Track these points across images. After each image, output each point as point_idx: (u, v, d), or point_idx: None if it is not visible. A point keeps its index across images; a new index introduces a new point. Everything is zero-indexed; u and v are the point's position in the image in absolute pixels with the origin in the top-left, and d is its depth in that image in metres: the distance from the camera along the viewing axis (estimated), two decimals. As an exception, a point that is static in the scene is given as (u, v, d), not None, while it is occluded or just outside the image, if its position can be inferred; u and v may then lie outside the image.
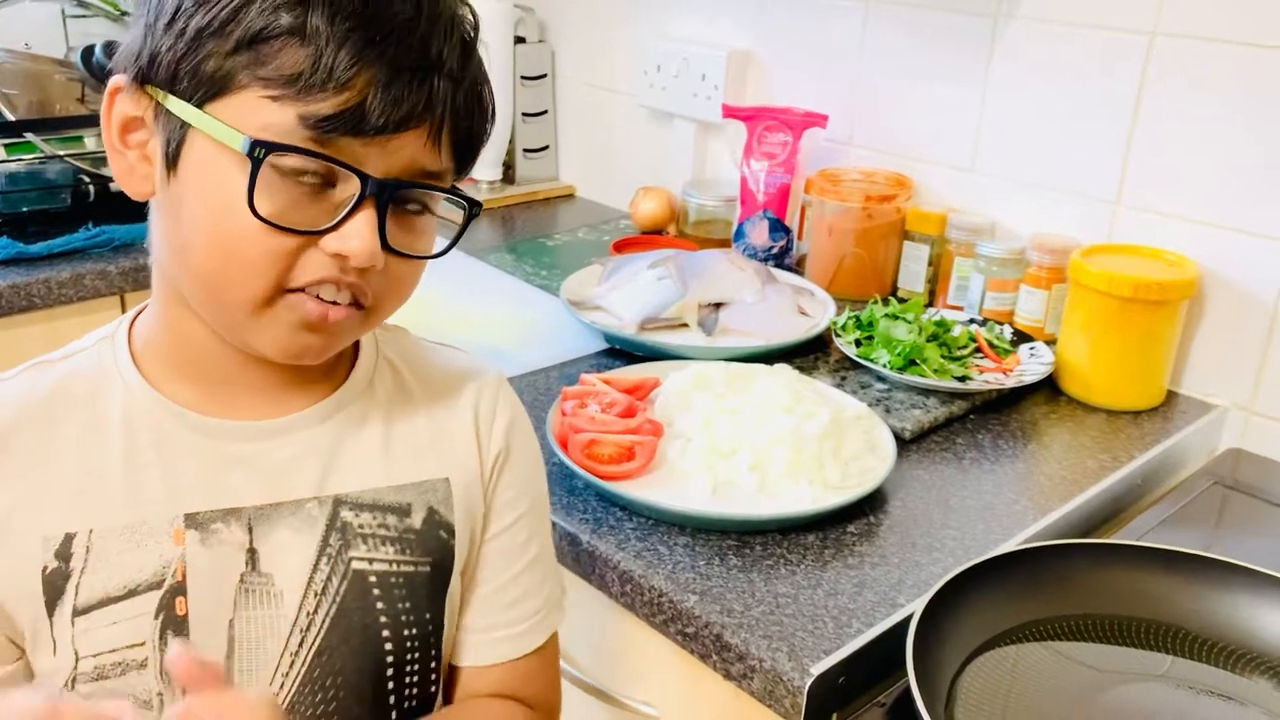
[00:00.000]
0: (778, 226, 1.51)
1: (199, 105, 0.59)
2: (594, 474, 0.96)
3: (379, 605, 0.69)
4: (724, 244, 1.59)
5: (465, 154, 0.65)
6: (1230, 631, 0.84)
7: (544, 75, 1.92)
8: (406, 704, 0.72)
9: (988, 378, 1.18)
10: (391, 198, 0.61)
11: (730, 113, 1.55)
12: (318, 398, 0.70)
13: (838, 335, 1.25)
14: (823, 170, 1.48)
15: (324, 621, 0.68)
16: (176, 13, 0.59)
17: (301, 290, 0.61)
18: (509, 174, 1.94)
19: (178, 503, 0.66)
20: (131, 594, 0.64)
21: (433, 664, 0.73)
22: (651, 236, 1.68)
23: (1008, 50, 1.34)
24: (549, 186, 1.95)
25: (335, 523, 0.69)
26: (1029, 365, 1.22)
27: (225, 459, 0.67)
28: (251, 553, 0.67)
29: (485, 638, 0.76)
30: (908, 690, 0.72)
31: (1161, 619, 0.86)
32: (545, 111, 1.94)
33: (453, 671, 0.77)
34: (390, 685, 0.71)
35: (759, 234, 1.52)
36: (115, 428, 0.66)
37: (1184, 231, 1.22)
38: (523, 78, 1.88)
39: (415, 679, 0.72)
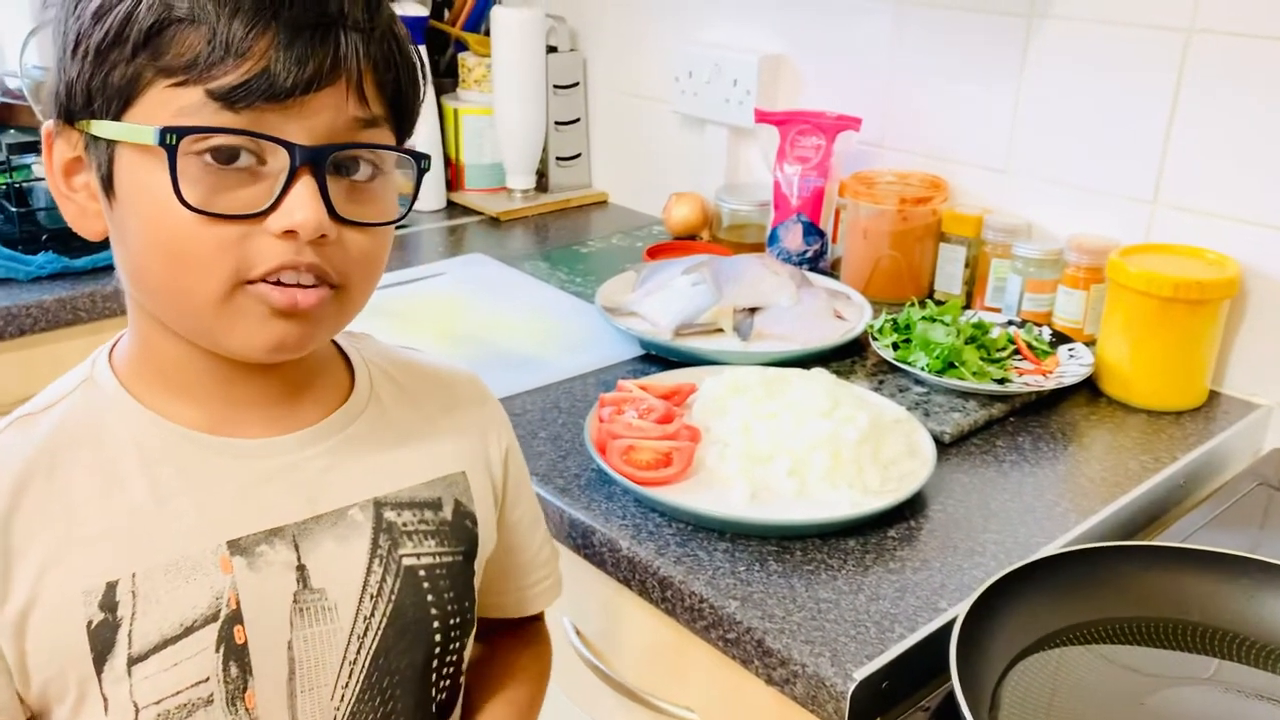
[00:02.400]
0: (812, 230, 1.51)
1: (116, 118, 0.59)
2: (632, 480, 0.97)
3: (429, 598, 0.71)
4: (758, 249, 1.59)
5: (400, 112, 0.63)
6: (1278, 634, 0.83)
7: (576, 84, 1.93)
8: (443, 693, 0.74)
9: (1027, 380, 1.18)
10: (325, 163, 0.59)
11: (763, 117, 1.55)
12: (328, 407, 0.70)
13: (875, 338, 1.25)
14: (856, 173, 1.48)
15: (381, 623, 0.69)
16: (79, 38, 0.59)
17: (261, 281, 0.60)
18: (542, 182, 1.95)
19: (218, 530, 0.64)
20: (189, 631, 0.62)
21: (465, 650, 0.75)
22: (685, 242, 1.68)
23: (1041, 50, 1.33)
24: (582, 194, 1.96)
25: (381, 524, 0.69)
26: (1068, 367, 1.21)
27: (256, 478, 0.66)
28: (301, 569, 0.66)
29: (532, 592, 0.85)
30: (951, 695, 0.72)
31: (1207, 622, 0.85)
32: (578, 120, 1.95)
33: (493, 626, 0.84)
34: (433, 676, 0.73)
35: (793, 238, 1.52)
36: (132, 464, 0.64)
37: (1224, 230, 1.21)
38: (555, 86, 1.89)
39: (451, 668, 0.74)
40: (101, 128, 0.59)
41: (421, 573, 0.71)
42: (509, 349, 1.31)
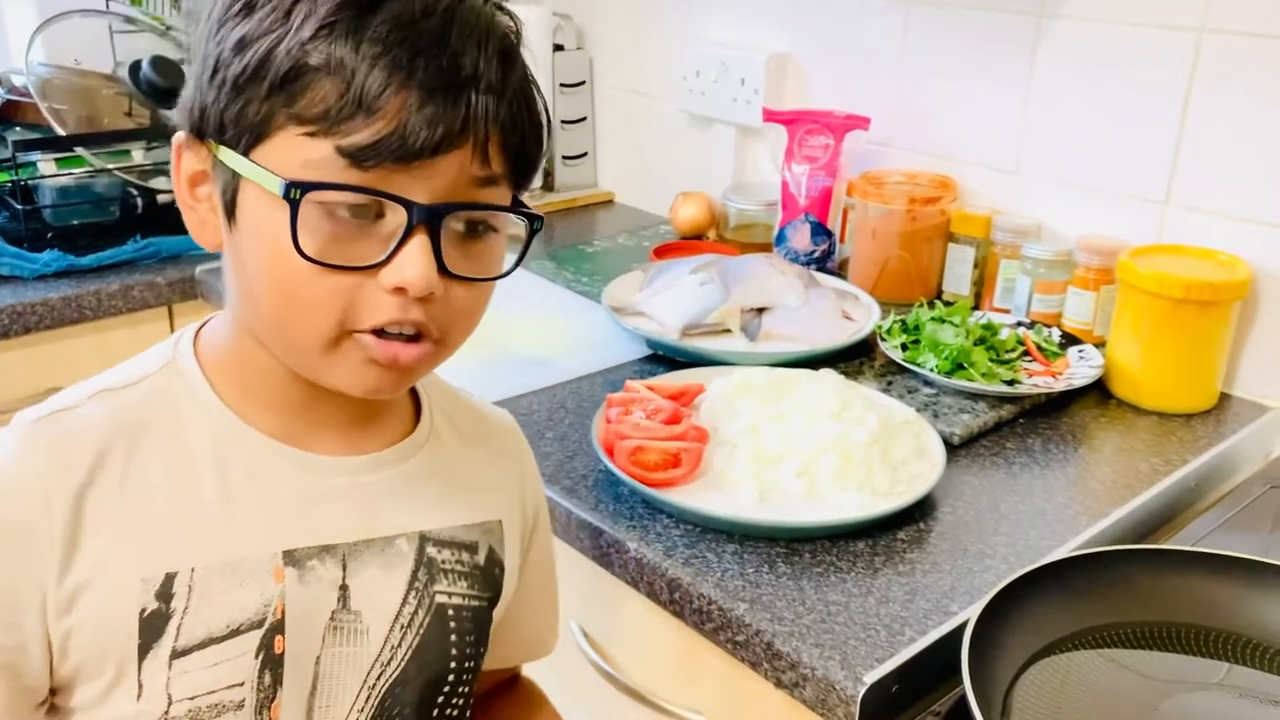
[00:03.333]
0: (820, 230, 1.50)
1: (245, 152, 0.59)
2: (641, 481, 0.96)
3: (452, 638, 0.72)
4: (765, 248, 1.58)
5: (521, 168, 0.63)
6: (1291, 638, 0.83)
7: (582, 82, 1.92)
8: None
9: (1037, 381, 1.17)
10: (442, 222, 0.59)
11: (771, 116, 1.55)
12: (393, 435, 0.71)
13: (883, 339, 1.25)
14: (865, 173, 1.48)
15: (405, 655, 0.69)
16: (218, 64, 0.59)
17: (366, 331, 0.60)
18: (548, 181, 1.95)
19: (277, 539, 0.65)
20: (235, 633, 0.63)
21: (471, 693, 0.75)
22: (692, 242, 1.68)
23: (1051, 50, 1.32)
24: (588, 193, 1.96)
25: (423, 558, 0.70)
26: (1078, 368, 1.20)
27: (319, 494, 0.67)
28: (344, 589, 0.67)
29: (539, 634, 0.86)
30: (962, 699, 0.71)
31: (1219, 626, 0.84)
32: (584, 118, 1.94)
33: (511, 682, 0.87)
34: (435, 712, 0.73)
35: (801, 238, 1.51)
36: (205, 460, 0.64)
37: (1235, 231, 1.20)
38: (561, 85, 1.88)
39: (457, 705, 0.74)
40: (230, 158, 0.60)
41: (450, 611, 0.71)
42: (515, 349, 1.31)
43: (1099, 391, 1.21)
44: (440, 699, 0.73)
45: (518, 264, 0.66)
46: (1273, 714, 0.77)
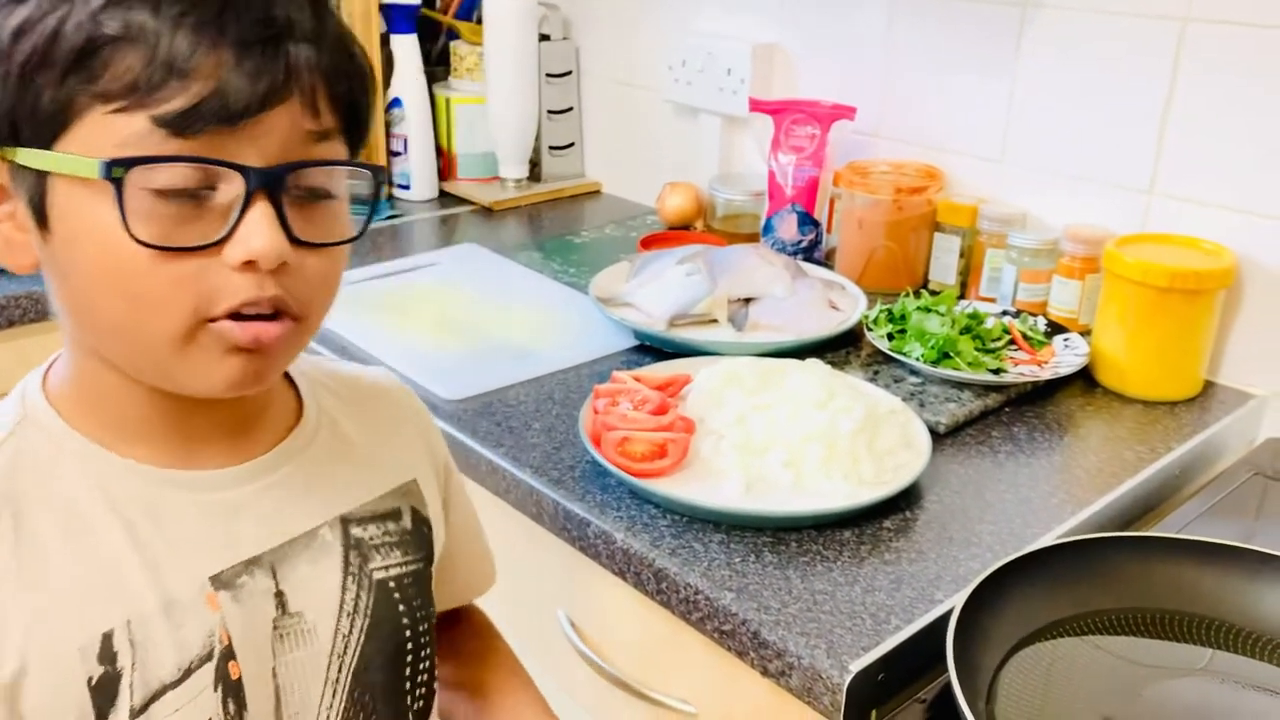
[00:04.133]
0: (806, 220, 1.50)
1: (47, 147, 0.54)
2: (628, 471, 0.96)
3: (400, 609, 0.71)
4: (752, 238, 1.58)
5: (353, 121, 0.60)
6: (1272, 623, 0.83)
7: (569, 72, 1.92)
8: (419, 700, 0.74)
9: (1022, 370, 1.17)
10: (282, 185, 0.56)
11: (757, 106, 1.55)
12: (282, 429, 0.68)
13: (870, 329, 1.25)
14: (851, 163, 1.48)
15: (360, 639, 0.68)
16: None
17: (222, 318, 0.56)
18: (535, 171, 1.94)
19: (199, 567, 0.62)
20: (188, 673, 0.61)
21: (433, 655, 0.75)
22: (679, 232, 1.67)
23: (1037, 39, 1.33)
24: (575, 183, 1.95)
25: (350, 541, 0.69)
26: (1064, 357, 1.21)
27: (226, 509, 0.64)
28: (279, 595, 0.65)
29: (475, 575, 0.88)
30: (947, 686, 0.72)
31: (1203, 612, 0.85)
32: (570, 109, 1.94)
33: (456, 612, 0.88)
34: (408, 685, 0.73)
35: (788, 228, 1.51)
36: (98, 510, 0.60)
37: (1220, 219, 1.21)
38: (548, 75, 1.88)
39: (424, 674, 0.74)
40: (31, 157, 0.55)
41: (392, 584, 0.71)
42: (502, 340, 1.30)
43: (1084, 380, 1.22)
44: (407, 669, 0.72)
45: (368, 224, 0.63)
46: (1255, 699, 0.78)
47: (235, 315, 0.57)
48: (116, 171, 0.52)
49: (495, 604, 0.92)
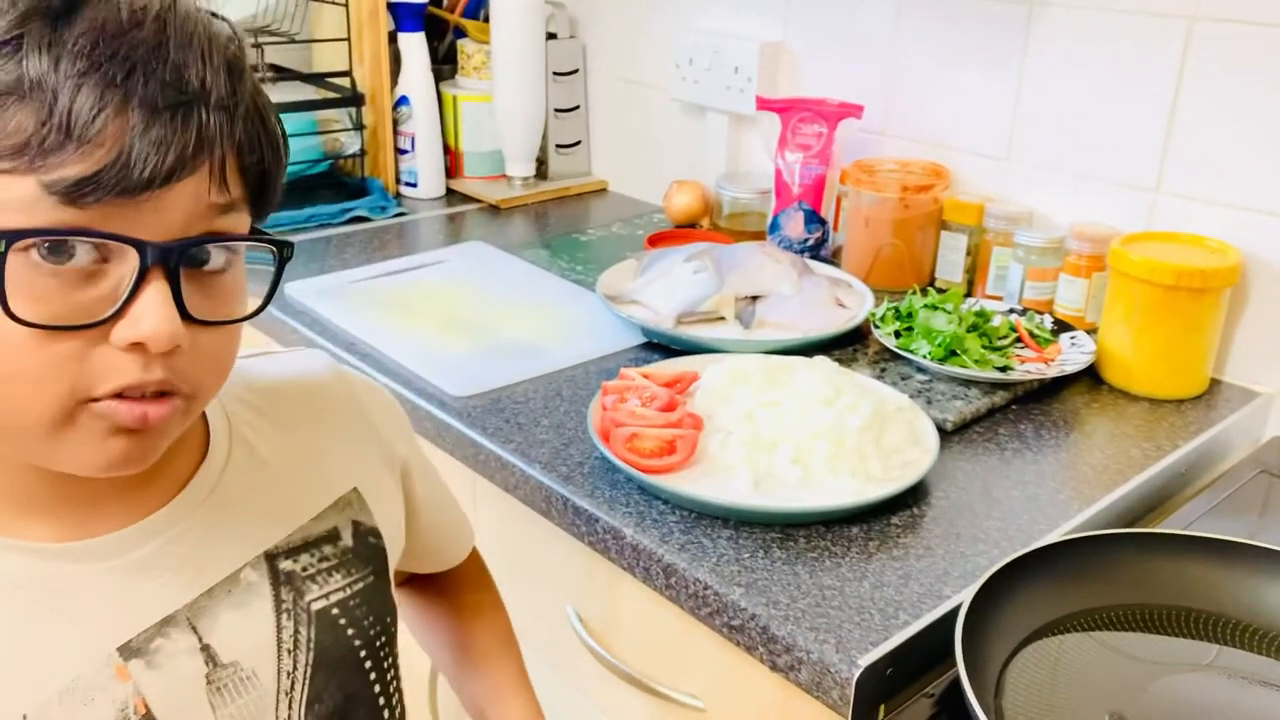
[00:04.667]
0: (813, 218, 1.51)
1: None
2: (637, 468, 0.97)
3: (349, 632, 0.68)
4: (758, 237, 1.59)
5: (260, 191, 0.56)
6: (1278, 619, 0.84)
7: (575, 71, 1.92)
8: (394, 693, 0.73)
9: (1029, 368, 1.18)
10: (180, 261, 0.51)
11: (764, 105, 1.55)
12: (187, 467, 0.63)
13: (876, 327, 1.25)
14: (858, 161, 1.48)
15: (307, 673, 0.65)
16: None
17: (104, 398, 0.52)
18: (542, 169, 1.95)
19: (103, 640, 0.58)
20: None
21: (396, 653, 0.73)
22: (686, 230, 1.68)
23: (1043, 37, 1.33)
24: (581, 182, 1.96)
25: (278, 577, 0.65)
26: (1070, 355, 1.21)
27: (130, 572, 0.59)
28: (206, 649, 0.61)
29: (453, 543, 0.88)
30: (956, 681, 0.72)
31: (1208, 609, 0.86)
32: (577, 107, 1.94)
33: (434, 579, 0.89)
34: (378, 689, 0.71)
35: (794, 226, 1.51)
36: None
37: (1226, 218, 1.21)
38: (555, 73, 1.88)
39: (391, 673, 0.72)
40: None
41: (335, 611, 0.67)
42: (510, 337, 1.31)
43: (1090, 378, 1.22)
44: (373, 679, 0.70)
45: (268, 300, 0.59)
46: (1261, 695, 0.78)
47: (118, 394, 0.52)
48: None
49: (504, 598, 0.92)
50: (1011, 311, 1.29)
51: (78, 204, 0.48)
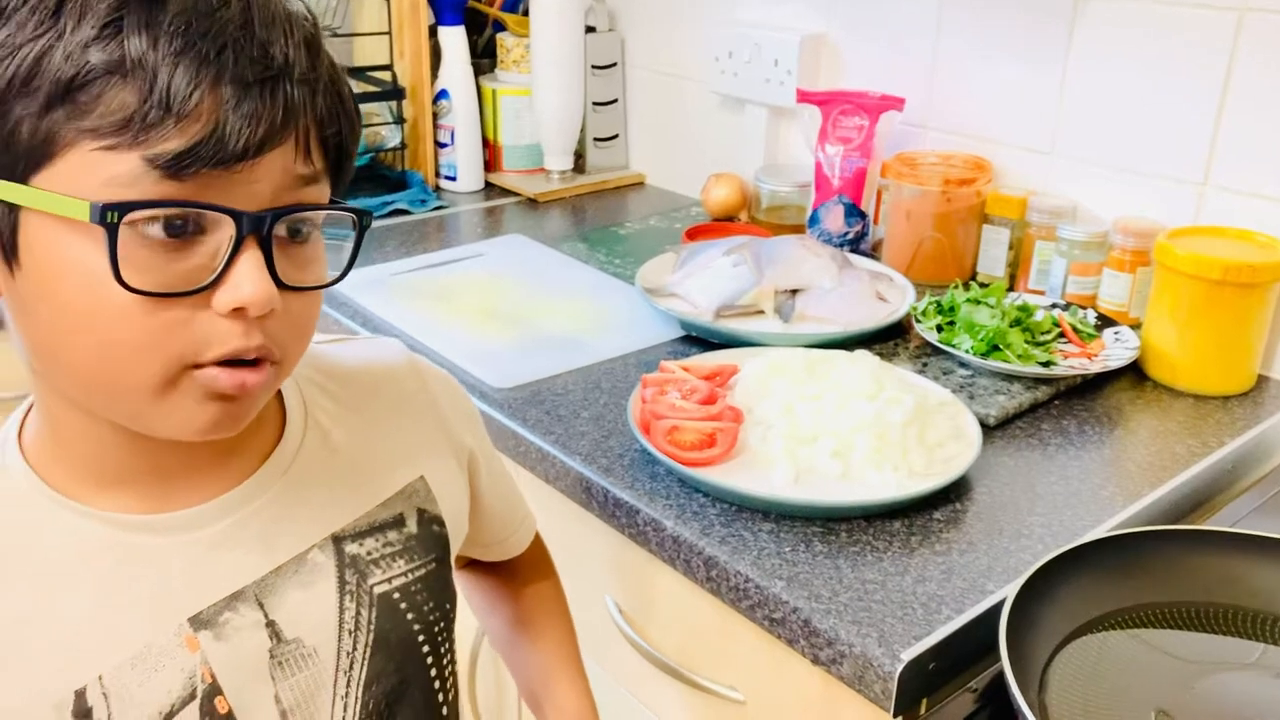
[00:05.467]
0: (853, 211, 1.50)
1: (23, 180, 0.51)
2: (677, 460, 0.97)
3: (409, 616, 0.70)
4: (797, 230, 1.58)
5: (339, 163, 0.59)
6: (1329, 620, 0.83)
7: (614, 64, 1.92)
8: (449, 678, 0.74)
9: (1072, 363, 1.17)
10: (272, 229, 0.54)
11: (805, 97, 1.54)
12: (265, 449, 0.66)
13: (918, 321, 1.25)
14: (899, 154, 1.47)
15: (366, 654, 0.67)
16: None
17: (208, 365, 0.55)
18: (579, 163, 1.95)
19: (176, 611, 0.61)
20: (170, 716, 0.60)
21: (454, 641, 0.75)
22: (724, 223, 1.68)
23: (1089, 28, 1.31)
24: (619, 175, 1.96)
25: (344, 560, 0.67)
26: (1114, 350, 1.20)
27: (204, 547, 0.62)
28: (271, 625, 0.63)
29: (516, 534, 0.89)
30: (999, 676, 0.72)
31: (1255, 607, 0.85)
32: (615, 100, 1.95)
33: (497, 568, 0.91)
34: (433, 673, 0.72)
35: (834, 219, 1.51)
36: (70, 564, 0.59)
37: (1275, 212, 1.19)
38: (593, 66, 1.89)
39: (447, 662, 0.74)
40: (6, 190, 0.52)
41: (396, 595, 0.69)
42: (549, 330, 1.31)
43: (1134, 373, 1.21)
44: (430, 664, 0.72)
45: (349, 267, 0.62)
46: (1309, 694, 0.77)
47: (221, 362, 0.55)
48: (111, 216, 0.50)
49: (546, 589, 0.93)
50: (1054, 306, 1.28)
51: (178, 177, 0.50)
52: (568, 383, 1.18)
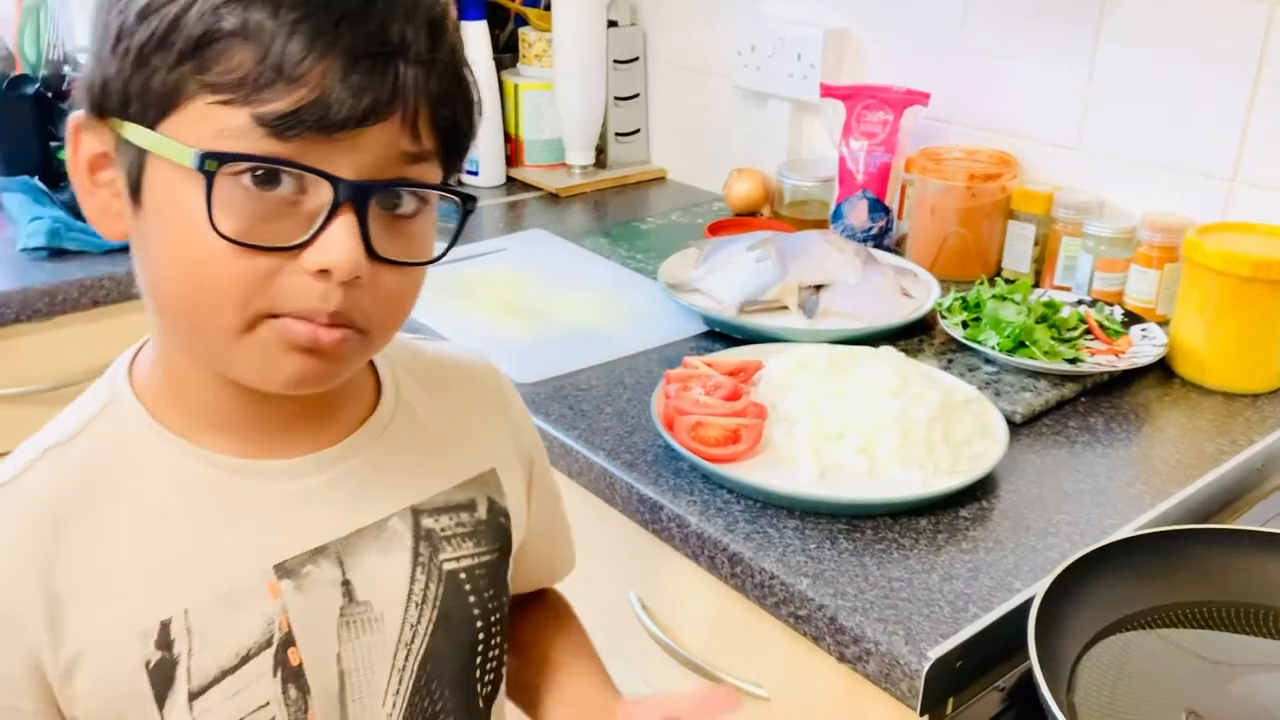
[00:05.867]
0: (877, 207, 1.49)
1: (152, 126, 0.55)
2: (702, 456, 0.97)
3: (471, 599, 0.71)
4: (820, 225, 1.57)
5: (452, 146, 0.60)
6: (1362, 620, 0.82)
7: (636, 58, 1.92)
8: (487, 686, 0.75)
9: (1099, 360, 1.16)
10: (369, 200, 0.56)
11: (829, 92, 1.54)
12: (359, 416, 0.68)
13: (944, 317, 1.24)
14: (924, 149, 1.46)
15: (428, 629, 0.68)
16: (120, 34, 0.55)
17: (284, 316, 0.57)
18: (601, 158, 1.95)
19: (263, 556, 0.63)
20: (246, 659, 0.62)
21: (504, 641, 0.75)
22: (746, 218, 1.67)
23: (1116, 22, 1.30)
24: (640, 170, 1.95)
25: (420, 532, 0.69)
26: (1141, 347, 1.19)
27: (295, 499, 0.64)
28: (346, 584, 0.65)
29: (557, 559, 0.87)
30: (1026, 675, 0.71)
31: (1286, 607, 0.84)
32: (637, 95, 1.94)
33: (536, 594, 0.88)
34: (477, 673, 0.73)
35: (858, 214, 1.50)
36: (170, 497, 0.62)
37: (1306, 208, 1.18)
38: (615, 61, 1.88)
39: (493, 662, 0.74)
40: (135, 133, 0.56)
41: (462, 575, 0.70)
42: (571, 325, 1.31)
43: (1162, 371, 1.20)
44: (477, 658, 0.72)
45: (449, 248, 0.63)
46: (1341, 696, 0.76)
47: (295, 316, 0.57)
48: (209, 164, 0.53)
49: (567, 583, 0.92)
50: (1081, 303, 1.27)
51: (282, 136, 0.53)
52: (590, 378, 1.18)
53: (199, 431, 0.63)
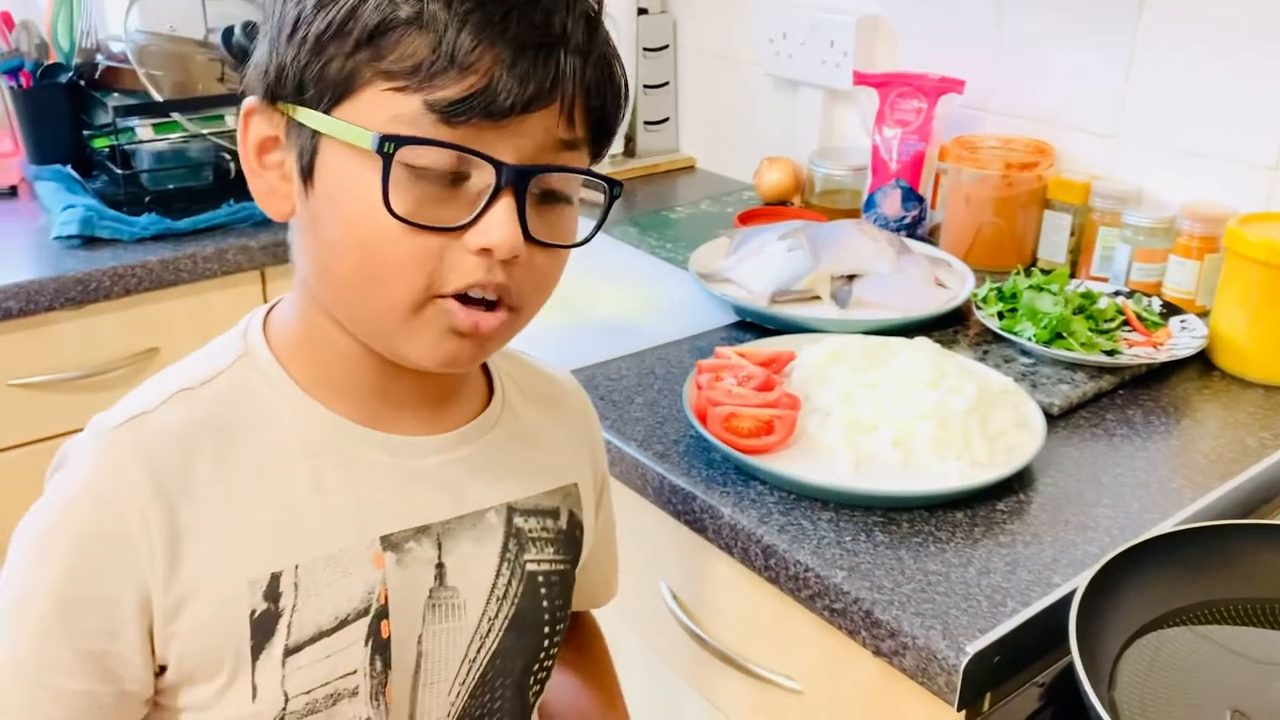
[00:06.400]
0: (911, 196, 1.48)
1: (327, 111, 0.58)
2: (735, 447, 0.96)
3: (544, 604, 0.73)
4: (852, 214, 1.56)
5: (600, 135, 0.63)
6: None
7: (665, 46, 1.91)
8: (535, 691, 0.76)
9: (1137, 352, 1.14)
10: (527, 184, 0.59)
11: (862, 79, 1.52)
12: (471, 409, 0.71)
13: (979, 307, 1.22)
14: (958, 137, 1.45)
15: (503, 625, 0.70)
16: (297, 22, 0.58)
17: (450, 296, 0.60)
18: (629, 147, 1.94)
19: (372, 525, 0.65)
20: (343, 624, 0.63)
21: (557, 652, 0.77)
22: (777, 208, 1.66)
23: (1156, 10, 1.28)
24: (670, 159, 1.94)
25: (511, 529, 0.71)
26: (1180, 339, 1.17)
27: (409, 476, 0.67)
28: (440, 567, 0.67)
29: (606, 582, 0.89)
30: (1066, 670, 0.70)
31: (1332, 605, 0.82)
32: (667, 83, 1.93)
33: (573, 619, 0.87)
34: (531, 679, 0.75)
35: (891, 203, 1.49)
36: (295, 453, 0.64)
37: (1351, 198, 1.16)
38: (645, 49, 1.87)
39: (547, 667, 0.76)
40: (311, 118, 0.59)
41: (540, 579, 0.72)
42: (602, 315, 1.31)
43: (1201, 363, 1.18)
44: (535, 665, 0.74)
45: (595, 231, 0.65)
46: (1389, 695, 0.75)
47: (461, 298, 0.60)
48: (387, 146, 0.56)
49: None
50: (1118, 294, 1.25)
51: (451, 122, 0.56)
52: (621, 368, 1.17)
53: (328, 395, 0.65)
